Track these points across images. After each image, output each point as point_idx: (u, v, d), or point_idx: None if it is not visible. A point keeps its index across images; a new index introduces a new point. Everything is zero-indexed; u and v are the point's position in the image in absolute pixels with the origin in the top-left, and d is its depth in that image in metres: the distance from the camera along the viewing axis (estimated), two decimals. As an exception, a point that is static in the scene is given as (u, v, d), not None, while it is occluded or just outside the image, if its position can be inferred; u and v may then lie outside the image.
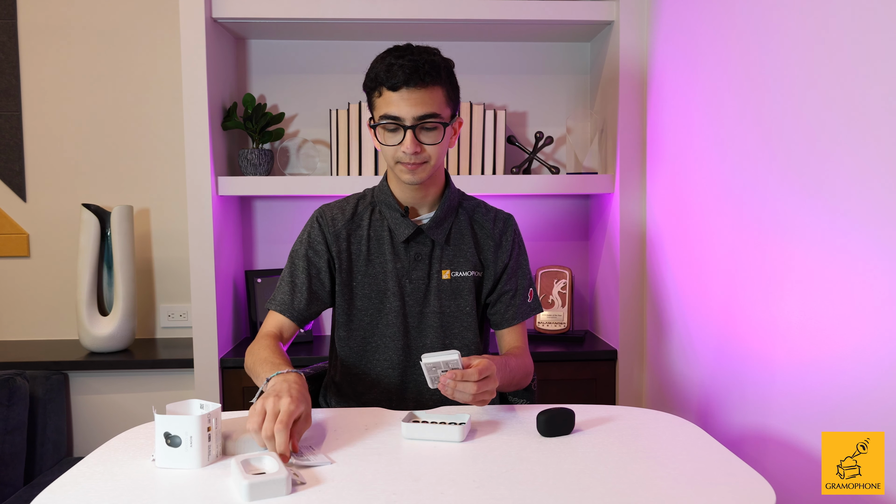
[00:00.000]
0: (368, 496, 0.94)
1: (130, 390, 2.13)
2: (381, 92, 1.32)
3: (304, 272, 1.42)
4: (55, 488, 0.98)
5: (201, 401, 1.09)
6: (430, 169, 1.35)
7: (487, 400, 1.20)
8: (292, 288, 1.42)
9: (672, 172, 1.88)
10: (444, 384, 1.16)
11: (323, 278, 1.43)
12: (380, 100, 1.33)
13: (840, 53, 1.18)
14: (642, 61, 2.05)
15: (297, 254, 1.44)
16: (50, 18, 2.27)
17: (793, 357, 1.32)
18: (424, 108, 1.30)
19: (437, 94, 1.31)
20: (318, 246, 1.43)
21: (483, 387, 1.18)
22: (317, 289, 1.43)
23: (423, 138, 1.32)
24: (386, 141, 1.33)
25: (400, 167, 1.34)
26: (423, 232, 1.42)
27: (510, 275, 1.47)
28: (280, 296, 1.43)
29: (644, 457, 1.11)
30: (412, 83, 1.28)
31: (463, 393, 1.17)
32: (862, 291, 1.14)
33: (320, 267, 1.43)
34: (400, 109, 1.30)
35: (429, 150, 1.33)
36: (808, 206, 1.27)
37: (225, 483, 0.98)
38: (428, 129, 1.32)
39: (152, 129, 2.31)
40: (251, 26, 2.13)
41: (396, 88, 1.29)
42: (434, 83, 1.30)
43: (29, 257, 2.32)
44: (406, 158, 1.32)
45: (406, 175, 1.35)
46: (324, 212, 1.46)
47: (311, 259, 1.43)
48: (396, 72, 1.28)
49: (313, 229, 1.44)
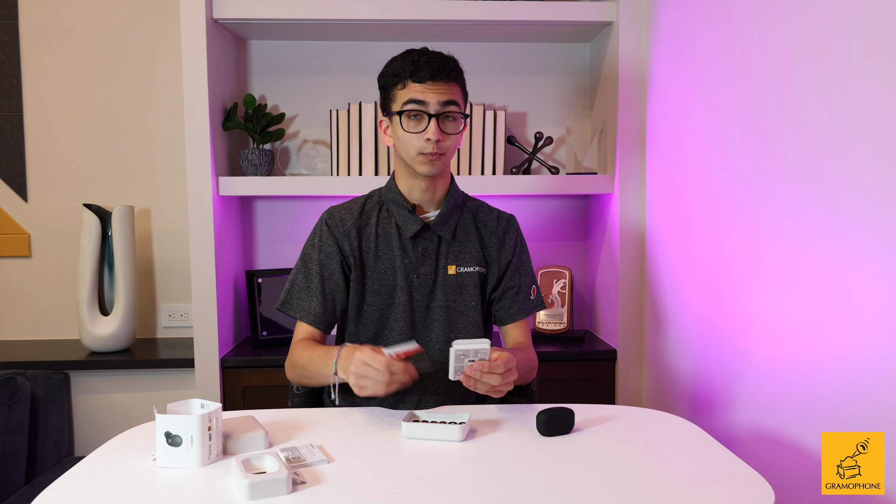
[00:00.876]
0: (369, 495, 0.95)
1: (131, 390, 2.14)
2: (406, 84, 1.38)
3: (317, 276, 1.45)
4: (56, 487, 0.98)
5: (202, 400, 1.10)
6: (445, 162, 1.42)
7: (504, 392, 1.22)
8: (308, 293, 1.46)
9: (671, 172, 1.89)
10: (470, 374, 1.18)
11: (337, 279, 1.46)
12: (403, 91, 1.39)
13: (837, 54, 1.19)
14: (642, 62, 2.05)
15: (310, 258, 1.47)
16: (51, 19, 2.28)
17: (791, 356, 1.33)
18: (448, 96, 1.37)
19: (456, 91, 1.41)
20: (329, 248, 1.46)
21: (506, 378, 1.20)
22: (331, 291, 1.46)
23: (445, 127, 1.38)
24: (410, 129, 1.38)
25: (420, 158, 1.39)
26: (431, 228, 1.46)
27: (513, 272, 1.52)
28: (302, 303, 1.46)
29: (643, 456, 1.12)
30: (439, 77, 1.37)
31: (485, 384, 1.19)
32: (860, 290, 1.14)
33: (333, 269, 1.45)
34: (426, 96, 1.36)
35: (446, 143, 1.38)
36: (806, 206, 1.27)
37: (225, 482, 0.99)
38: (449, 118, 1.38)
39: (153, 129, 2.32)
40: (252, 27, 2.14)
41: (423, 81, 1.36)
42: (456, 80, 1.40)
43: (30, 257, 2.33)
44: (429, 147, 1.37)
45: (425, 166, 1.39)
46: (332, 213, 1.49)
47: (324, 262, 1.46)
48: (423, 66, 1.36)
49: (323, 232, 1.47)
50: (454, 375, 1.20)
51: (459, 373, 1.19)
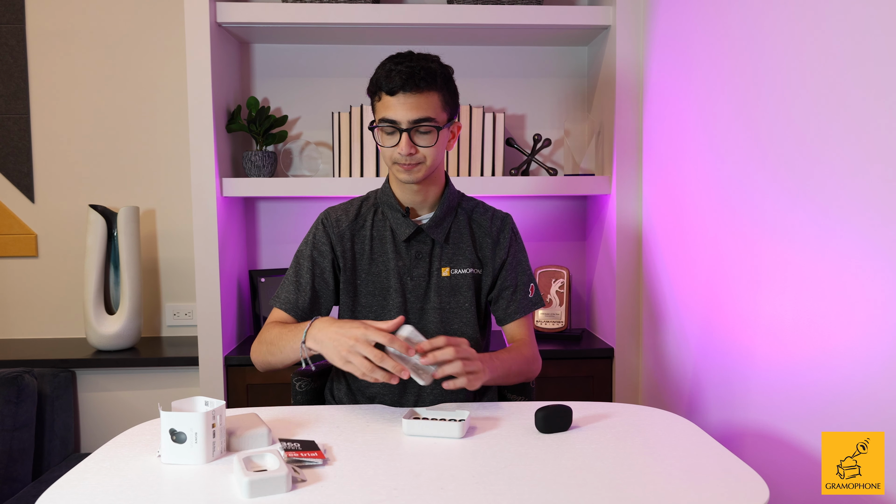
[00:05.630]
0: (369, 491, 0.96)
1: (136, 388, 2.16)
2: (381, 96, 1.38)
3: (308, 272, 1.47)
4: (63, 483, 0.99)
5: (206, 398, 1.10)
6: (426, 169, 1.40)
7: (477, 379, 1.24)
8: (297, 287, 1.47)
9: (667, 173, 1.90)
10: (424, 362, 1.20)
11: (327, 278, 1.47)
12: (379, 104, 1.39)
13: (830, 57, 1.20)
14: (638, 65, 2.07)
15: (303, 254, 1.49)
16: (58, 23, 2.30)
17: (787, 354, 1.34)
18: (419, 113, 1.35)
19: (432, 99, 1.37)
20: (322, 247, 1.47)
21: (460, 353, 1.23)
22: (320, 288, 1.47)
23: (418, 141, 1.37)
24: (384, 143, 1.40)
25: (396, 167, 1.40)
26: (424, 231, 1.46)
27: (509, 271, 1.51)
28: (284, 294, 1.47)
29: (640, 452, 1.12)
30: (408, 88, 1.34)
31: (449, 364, 1.21)
32: (853, 288, 1.15)
33: (324, 267, 1.47)
34: (396, 113, 1.35)
35: (423, 152, 1.38)
36: (799, 206, 1.29)
37: (229, 479, 1.00)
38: (422, 132, 1.37)
39: (158, 131, 2.34)
40: (255, 31, 2.16)
41: (394, 93, 1.35)
42: (429, 89, 1.36)
43: (37, 257, 2.35)
44: (401, 160, 1.38)
45: (402, 174, 1.40)
46: (329, 214, 1.51)
47: (316, 259, 1.47)
48: (394, 77, 1.34)
49: (318, 231, 1.49)
50: (425, 382, 1.22)
51: (425, 375, 1.21)
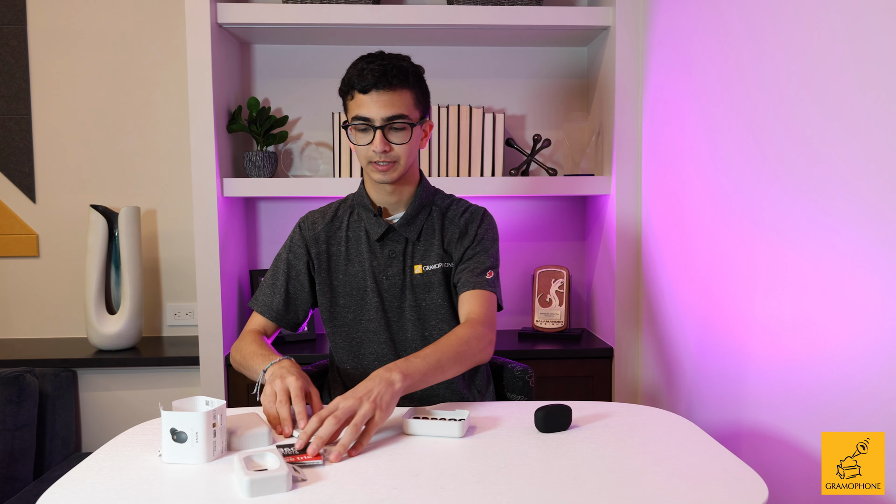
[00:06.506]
0: (370, 491, 0.96)
1: (137, 387, 2.17)
2: (354, 95, 1.39)
3: (283, 274, 1.51)
4: (64, 483, 0.99)
5: (207, 397, 1.10)
6: (401, 169, 1.41)
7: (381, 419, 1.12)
8: (273, 290, 1.52)
9: (666, 174, 1.91)
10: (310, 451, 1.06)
11: (302, 280, 1.51)
12: (352, 102, 1.40)
13: (831, 57, 1.20)
14: (638, 65, 2.07)
15: (280, 257, 1.54)
16: (59, 24, 2.31)
17: (785, 353, 1.34)
18: (392, 110, 1.36)
19: (405, 97, 1.38)
20: (298, 249, 1.52)
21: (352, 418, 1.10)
22: (294, 290, 1.51)
23: (392, 138, 1.38)
24: (357, 141, 1.40)
25: (371, 167, 1.41)
26: (396, 230, 1.48)
27: (471, 251, 1.48)
28: (262, 297, 1.52)
29: (639, 452, 1.12)
30: (381, 86, 1.35)
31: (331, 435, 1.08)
32: (852, 288, 1.15)
33: (299, 269, 1.51)
34: (370, 111, 1.36)
35: (397, 150, 1.39)
36: (799, 207, 1.29)
37: (229, 478, 1.00)
38: (396, 129, 1.38)
39: (159, 131, 2.35)
40: (256, 31, 2.16)
41: (367, 91, 1.36)
42: (402, 86, 1.37)
43: (38, 257, 2.36)
44: (376, 157, 1.38)
45: (377, 175, 1.41)
46: (307, 217, 1.55)
47: (291, 262, 1.52)
48: (367, 75, 1.35)
49: (295, 234, 1.54)
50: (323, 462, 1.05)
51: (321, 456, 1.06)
